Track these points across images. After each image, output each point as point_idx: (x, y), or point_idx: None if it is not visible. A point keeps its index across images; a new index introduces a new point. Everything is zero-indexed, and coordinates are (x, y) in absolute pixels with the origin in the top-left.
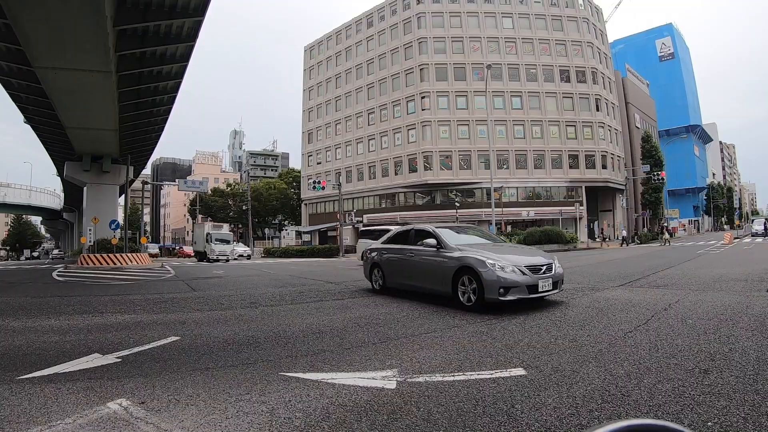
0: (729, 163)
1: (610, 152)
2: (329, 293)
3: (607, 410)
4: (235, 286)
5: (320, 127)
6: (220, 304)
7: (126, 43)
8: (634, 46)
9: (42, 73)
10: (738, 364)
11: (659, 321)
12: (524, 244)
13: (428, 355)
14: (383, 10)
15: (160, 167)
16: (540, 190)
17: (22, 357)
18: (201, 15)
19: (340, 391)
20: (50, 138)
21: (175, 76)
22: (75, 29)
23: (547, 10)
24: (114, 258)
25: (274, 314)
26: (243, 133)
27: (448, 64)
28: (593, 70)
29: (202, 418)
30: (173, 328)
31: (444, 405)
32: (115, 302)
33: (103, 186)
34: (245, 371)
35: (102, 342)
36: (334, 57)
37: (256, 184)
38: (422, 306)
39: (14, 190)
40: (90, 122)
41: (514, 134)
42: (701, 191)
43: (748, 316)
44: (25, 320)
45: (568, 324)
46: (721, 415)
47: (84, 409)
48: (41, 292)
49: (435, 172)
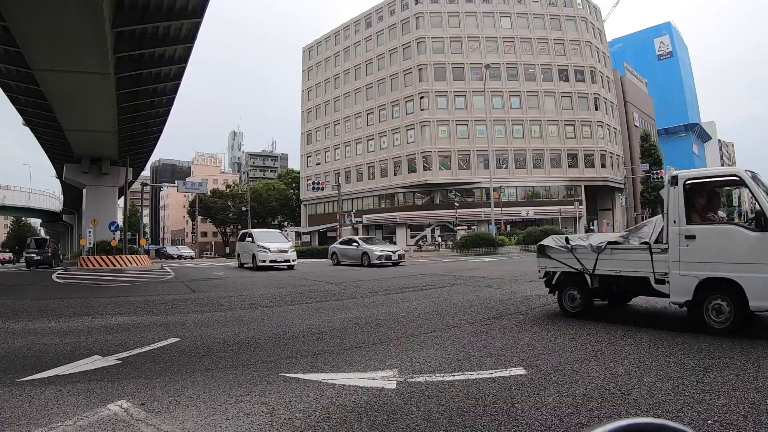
0: (728, 161)
1: (609, 151)
2: (329, 294)
3: (607, 409)
4: (234, 287)
5: (319, 127)
6: (219, 305)
7: (124, 44)
8: (632, 44)
9: (40, 76)
10: (738, 362)
11: (659, 320)
12: (524, 243)
13: (428, 355)
14: (381, 10)
15: (159, 169)
16: (539, 190)
17: (22, 359)
18: (199, 17)
19: (340, 392)
20: (49, 140)
21: (173, 78)
22: (74, 31)
23: (546, 10)
24: (114, 260)
25: (274, 315)
26: (242, 135)
27: (446, 64)
28: (592, 69)
29: (203, 419)
30: (173, 330)
31: (444, 405)
32: (115, 304)
33: (102, 188)
34: (245, 372)
35: (102, 344)
36: (332, 58)
37: (255, 185)
38: (419, 305)
39: (13, 192)
40: (89, 124)
41: (513, 134)
42: None
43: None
44: (26, 323)
45: (567, 323)
46: (722, 413)
47: (84, 411)
48: (41, 295)
49: (434, 172)
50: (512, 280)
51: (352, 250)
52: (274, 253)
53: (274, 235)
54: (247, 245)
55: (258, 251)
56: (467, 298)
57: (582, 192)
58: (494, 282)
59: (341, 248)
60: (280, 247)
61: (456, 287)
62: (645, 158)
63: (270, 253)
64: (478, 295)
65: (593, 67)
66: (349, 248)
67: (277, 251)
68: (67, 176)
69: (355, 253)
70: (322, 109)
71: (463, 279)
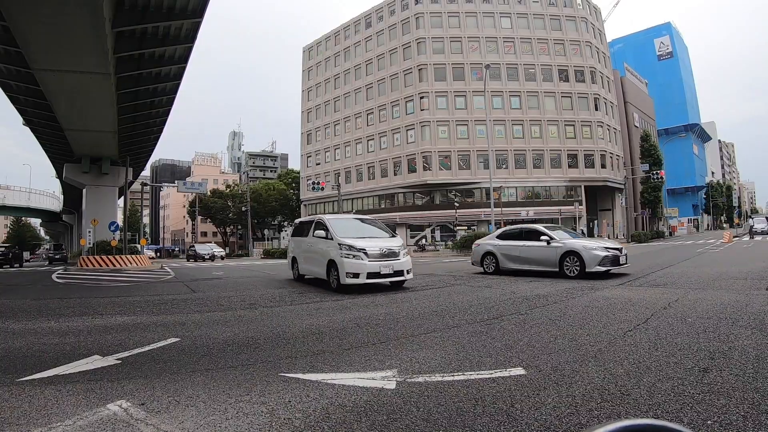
0: (728, 161)
1: (609, 151)
2: (329, 294)
3: (607, 409)
4: (234, 287)
5: (319, 127)
6: (219, 305)
7: (125, 44)
8: (632, 45)
9: (40, 75)
10: (737, 363)
11: (659, 320)
12: None
13: (428, 355)
14: (381, 10)
15: (159, 169)
16: (539, 190)
17: (22, 359)
18: (199, 17)
19: (339, 392)
20: (49, 140)
21: (173, 78)
22: (74, 31)
23: (546, 10)
24: (113, 260)
25: (274, 315)
26: (242, 135)
27: (446, 64)
28: (592, 70)
29: (202, 419)
30: (173, 330)
31: (444, 405)
32: (115, 304)
33: (102, 188)
34: (245, 372)
35: (102, 344)
36: (332, 58)
37: (255, 185)
38: (419, 305)
39: (13, 192)
40: (89, 124)
41: (513, 134)
42: (700, 190)
43: (747, 314)
44: (25, 322)
45: (567, 323)
46: (721, 414)
47: (84, 411)
48: (41, 295)
49: (434, 172)
50: (512, 281)
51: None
52: (376, 260)
53: (363, 226)
54: (314, 244)
55: (344, 257)
56: (467, 298)
57: (582, 192)
58: (494, 282)
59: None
60: (385, 247)
61: (456, 287)
62: (645, 158)
63: (368, 259)
64: (477, 295)
65: (593, 68)
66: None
67: (380, 255)
68: (67, 176)
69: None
70: (322, 109)
71: (462, 279)
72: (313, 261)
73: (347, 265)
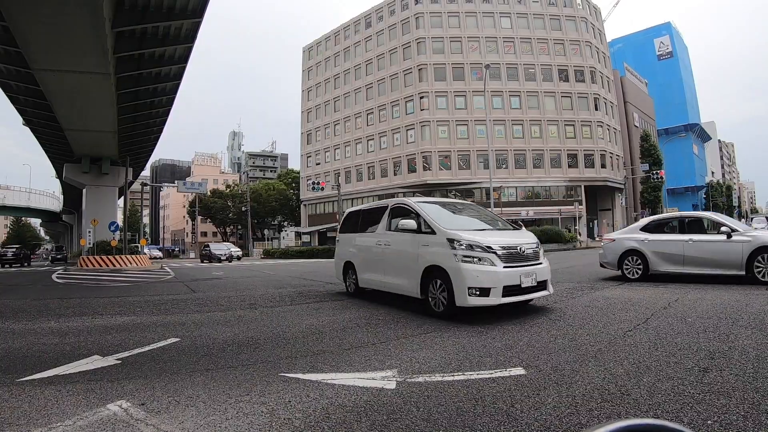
0: (728, 161)
1: (609, 151)
2: (329, 294)
3: (607, 409)
4: (234, 287)
5: (319, 127)
6: (219, 305)
7: (125, 44)
8: (632, 45)
9: (40, 75)
10: (737, 363)
11: (659, 319)
12: None
13: (428, 355)
14: (381, 10)
15: (159, 169)
16: (539, 190)
17: (22, 359)
18: (199, 16)
19: (339, 392)
20: (49, 140)
21: (173, 78)
22: (74, 31)
23: (545, 10)
24: (113, 260)
25: (274, 315)
26: (242, 135)
27: (446, 64)
28: (592, 70)
29: (202, 419)
30: (173, 330)
31: (444, 405)
32: (115, 304)
33: (102, 188)
34: (245, 372)
35: (102, 344)
36: (332, 58)
37: (255, 185)
38: (419, 304)
39: (13, 192)
40: (89, 124)
41: (513, 134)
42: (700, 190)
43: (747, 314)
44: (25, 322)
45: (567, 323)
46: (721, 414)
47: (84, 411)
48: (41, 295)
49: (434, 172)
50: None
51: None
52: (513, 266)
53: (457, 216)
54: (393, 242)
55: (462, 261)
56: None
57: (582, 192)
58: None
59: None
60: (518, 244)
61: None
62: (645, 158)
63: (502, 264)
64: None
65: (593, 68)
66: None
67: (516, 257)
68: (67, 176)
69: None
70: (322, 109)
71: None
72: (388, 268)
73: (469, 276)
